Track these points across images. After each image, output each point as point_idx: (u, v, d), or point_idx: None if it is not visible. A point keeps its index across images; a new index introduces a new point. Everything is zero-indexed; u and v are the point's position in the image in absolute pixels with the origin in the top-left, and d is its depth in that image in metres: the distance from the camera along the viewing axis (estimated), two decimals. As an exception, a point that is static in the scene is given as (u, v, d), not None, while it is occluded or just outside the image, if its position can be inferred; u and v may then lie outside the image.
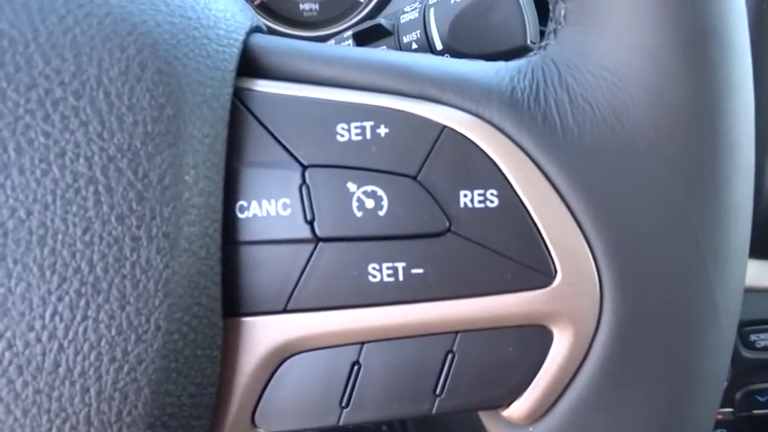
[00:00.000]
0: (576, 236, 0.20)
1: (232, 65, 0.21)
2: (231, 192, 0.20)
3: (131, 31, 0.19)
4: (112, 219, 0.18)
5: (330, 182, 0.20)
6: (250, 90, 0.21)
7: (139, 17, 0.19)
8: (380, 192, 0.20)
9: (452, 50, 0.36)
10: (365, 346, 0.21)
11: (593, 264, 0.20)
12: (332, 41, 0.41)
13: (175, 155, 0.19)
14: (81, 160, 0.18)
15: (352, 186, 0.20)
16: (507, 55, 0.36)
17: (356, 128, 0.21)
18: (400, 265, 0.20)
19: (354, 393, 0.21)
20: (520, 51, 0.36)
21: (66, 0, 0.19)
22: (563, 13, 0.22)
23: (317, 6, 0.71)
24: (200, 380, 0.20)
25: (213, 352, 0.20)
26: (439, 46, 0.36)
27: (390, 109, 0.21)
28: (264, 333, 0.21)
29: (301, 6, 0.71)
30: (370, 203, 0.20)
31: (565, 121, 0.21)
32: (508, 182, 0.20)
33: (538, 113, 0.21)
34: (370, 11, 0.69)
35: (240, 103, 0.21)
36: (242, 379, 0.21)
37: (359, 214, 0.20)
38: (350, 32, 0.40)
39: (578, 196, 0.20)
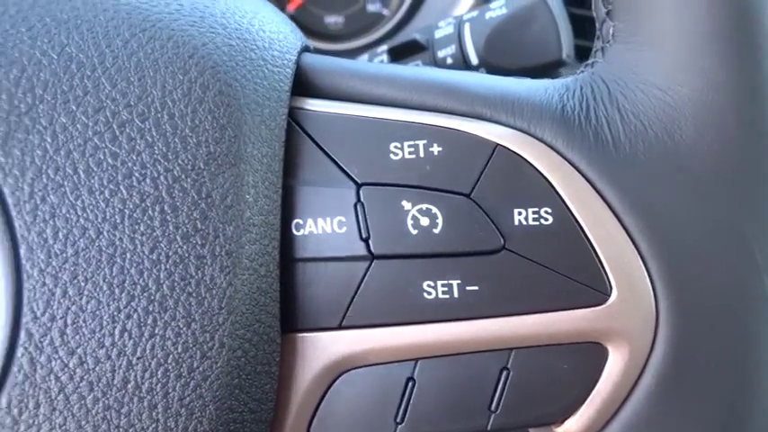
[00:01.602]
0: (631, 253, 0.20)
1: (287, 85, 0.21)
2: (287, 210, 0.21)
3: (193, 54, 0.20)
4: (178, 238, 0.18)
5: (385, 200, 0.21)
6: (303, 109, 0.22)
7: (200, 40, 0.20)
8: (435, 210, 0.21)
9: (488, 65, 0.36)
10: (419, 362, 0.21)
11: (648, 280, 0.20)
12: (365, 56, 0.42)
13: (237, 175, 0.19)
14: (147, 180, 0.18)
15: (406, 204, 0.21)
16: (543, 69, 0.37)
17: (409, 146, 0.21)
18: (455, 283, 0.21)
19: (409, 409, 0.21)
20: (555, 65, 0.36)
21: (131, 24, 0.19)
22: (611, 31, 0.22)
23: (342, 20, 0.71)
24: (259, 396, 0.20)
25: (272, 368, 0.20)
26: (474, 60, 0.36)
27: (443, 127, 0.21)
28: (320, 349, 0.21)
29: (327, 20, 0.72)
30: (425, 221, 0.21)
31: (617, 139, 0.21)
32: (562, 200, 0.21)
33: (589, 131, 0.21)
34: (395, 24, 0.69)
35: (294, 123, 0.21)
36: (298, 394, 0.21)
37: (414, 232, 0.21)
38: (384, 47, 0.40)
39: (632, 213, 0.21)
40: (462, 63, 0.37)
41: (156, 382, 0.18)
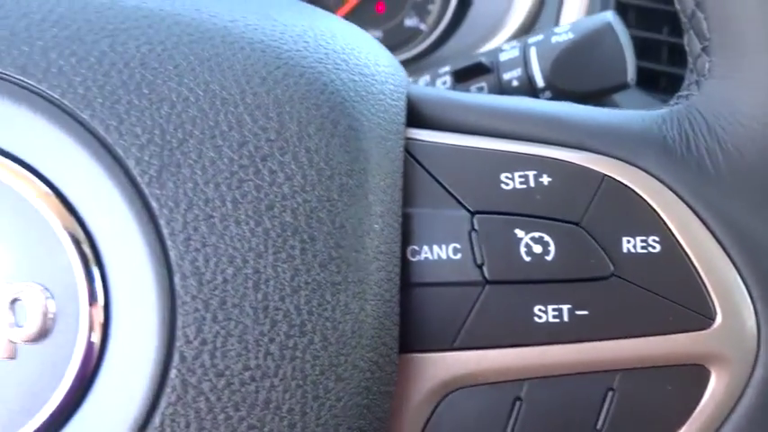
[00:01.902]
0: (735, 279, 0.21)
1: (402, 118, 0.22)
2: (404, 237, 0.22)
3: (323, 90, 0.21)
4: (316, 265, 0.19)
5: (498, 228, 0.22)
6: (415, 140, 0.23)
7: (328, 76, 0.21)
8: (547, 238, 0.22)
9: (554, 88, 0.37)
10: (527, 382, 0.22)
11: (751, 305, 0.21)
12: (426, 76, 0.43)
13: (367, 205, 0.20)
14: (288, 211, 0.19)
15: (519, 232, 0.22)
16: (608, 92, 0.38)
17: (520, 177, 0.22)
18: (565, 307, 0.22)
19: (516, 428, 0.22)
20: (619, 89, 0.37)
21: (266, 62, 0.20)
22: (707, 66, 0.23)
23: (380, 34, 0.73)
24: (380, 415, 0.21)
25: (390, 388, 0.21)
26: (541, 83, 0.37)
27: (551, 159, 0.22)
28: (432, 368, 0.22)
29: (365, 34, 0.73)
30: (537, 249, 0.22)
31: (718, 170, 0.22)
32: (669, 229, 0.22)
33: (692, 162, 0.22)
34: (434, 41, 0.70)
35: (408, 154, 0.22)
36: (408, 413, 0.22)
37: (527, 259, 0.22)
38: (446, 68, 0.41)
39: (735, 241, 0.22)
40: (528, 86, 0.38)
41: (296, 402, 0.19)
